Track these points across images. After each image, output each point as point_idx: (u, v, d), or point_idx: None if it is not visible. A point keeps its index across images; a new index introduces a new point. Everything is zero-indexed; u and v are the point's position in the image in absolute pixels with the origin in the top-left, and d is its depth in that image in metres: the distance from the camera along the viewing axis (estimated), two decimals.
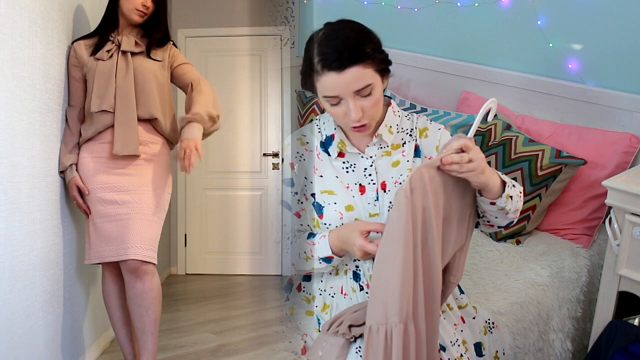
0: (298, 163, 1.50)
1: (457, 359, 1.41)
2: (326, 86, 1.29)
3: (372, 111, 1.33)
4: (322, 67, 1.28)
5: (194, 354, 2.83)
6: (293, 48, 4.45)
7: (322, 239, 1.41)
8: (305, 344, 1.56)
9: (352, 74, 1.27)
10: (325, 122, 1.49)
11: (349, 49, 1.26)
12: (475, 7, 2.90)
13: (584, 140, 2.39)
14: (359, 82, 1.28)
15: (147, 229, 2.21)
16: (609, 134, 2.36)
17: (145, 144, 2.29)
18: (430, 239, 1.23)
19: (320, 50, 1.28)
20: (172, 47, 2.43)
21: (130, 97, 2.24)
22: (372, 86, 1.30)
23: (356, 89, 1.28)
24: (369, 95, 1.31)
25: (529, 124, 2.61)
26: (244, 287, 4.26)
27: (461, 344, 1.47)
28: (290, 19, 4.43)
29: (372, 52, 1.29)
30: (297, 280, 1.59)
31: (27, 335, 2.04)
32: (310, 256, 1.43)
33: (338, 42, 1.27)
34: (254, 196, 4.55)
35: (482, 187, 1.30)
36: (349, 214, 1.41)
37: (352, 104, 1.30)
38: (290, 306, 1.62)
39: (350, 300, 1.45)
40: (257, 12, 4.44)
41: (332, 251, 1.40)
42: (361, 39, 1.29)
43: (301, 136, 1.52)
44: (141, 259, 2.17)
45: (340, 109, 1.33)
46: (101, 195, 2.23)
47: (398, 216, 1.20)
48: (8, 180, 1.91)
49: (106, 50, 2.28)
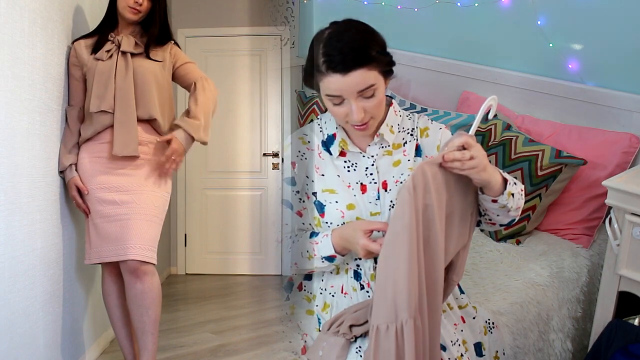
0: (299, 162, 1.50)
1: (457, 358, 1.41)
2: (329, 87, 1.30)
3: (374, 112, 1.34)
4: (326, 68, 1.28)
5: (194, 354, 2.83)
6: (293, 48, 4.45)
7: (324, 238, 1.41)
8: (305, 343, 1.56)
9: (356, 77, 1.27)
10: (327, 122, 1.49)
11: (354, 51, 1.27)
12: (475, 7, 2.90)
13: (584, 140, 2.39)
14: (363, 84, 1.28)
15: (147, 229, 2.21)
16: (609, 134, 2.36)
17: (144, 144, 2.29)
18: (433, 236, 1.23)
19: (325, 51, 1.29)
20: (174, 47, 2.42)
21: (129, 98, 2.24)
22: (375, 87, 1.30)
23: (359, 90, 1.29)
24: (372, 96, 1.31)
25: (529, 124, 2.61)
26: (244, 287, 4.26)
27: (461, 343, 1.47)
28: (290, 19, 4.43)
29: (377, 54, 1.29)
30: (298, 279, 1.59)
31: (27, 335, 2.04)
32: (312, 255, 1.43)
33: (343, 44, 1.27)
34: (254, 196, 4.54)
35: (483, 185, 1.30)
36: (350, 213, 1.41)
37: (354, 105, 1.30)
38: (291, 305, 1.62)
39: (350, 300, 1.45)
40: (257, 12, 4.44)
41: (334, 250, 1.40)
42: (367, 42, 1.29)
43: (302, 135, 1.53)
44: (140, 260, 2.17)
45: (342, 109, 1.33)
46: (101, 195, 2.23)
47: (401, 213, 1.20)
48: (8, 180, 1.91)
49: (106, 50, 2.27)
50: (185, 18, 4.41)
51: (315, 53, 1.31)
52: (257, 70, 4.50)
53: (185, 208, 4.58)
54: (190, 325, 3.27)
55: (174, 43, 2.44)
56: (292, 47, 4.45)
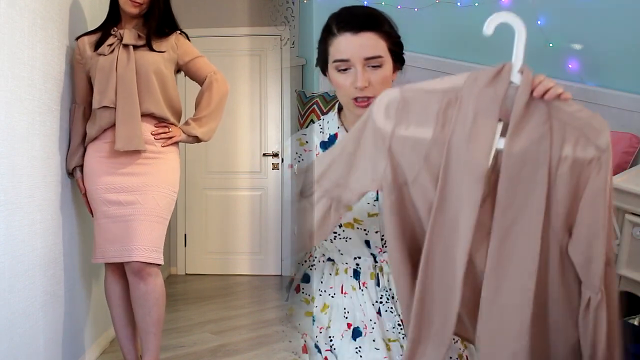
0: (297, 164, 1.50)
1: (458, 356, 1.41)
2: (339, 48, 1.32)
3: (378, 87, 1.33)
4: (338, 30, 1.32)
5: (194, 354, 2.83)
6: (293, 48, 4.45)
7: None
8: (305, 343, 1.56)
9: (365, 38, 1.30)
10: (329, 122, 1.49)
11: (367, 16, 1.33)
12: (475, 7, 2.89)
13: None
14: (371, 49, 1.31)
15: (151, 230, 2.21)
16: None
17: (151, 143, 2.25)
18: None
19: (338, 17, 1.34)
20: (180, 38, 2.35)
21: (132, 91, 2.18)
22: (383, 60, 1.33)
23: (367, 56, 1.31)
24: (378, 68, 1.32)
25: None
26: (244, 287, 4.26)
27: (459, 341, 1.47)
28: (290, 19, 4.43)
29: (388, 28, 1.34)
30: (296, 281, 1.58)
31: (27, 335, 2.04)
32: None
33: (357, 10, 1.35)
34: (254, 196, 4.54)
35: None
36: (348, 214, 1.41)
37: (360, 70, 1.31)
38: (290, 307, 1.62)
39: (350, 299, 1.45)
40: (257, 12, 4.44)
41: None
42: (379, 14, 1.36)
43: (301, 136, 1.52)
44: (144, 261, 2.17)
45: (347, 77, 1.33)
46: (106, 196, 2.22)
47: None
48: (8, 180, 1.91)
49: (108, 44, 2.22)
50: (185, 18, 4.37)
51: (329, 24, 1.35)
52: (257, 70, 4.50)
53: (185, 208, 4.58)
54: (190, 325, 3.27)
55: (181, 33, 2.37)
56: (292, 47, 4.45)
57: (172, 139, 2.29)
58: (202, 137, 2.37)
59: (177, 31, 2.36)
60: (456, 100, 1.03)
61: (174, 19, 2.37)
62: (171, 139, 2.29)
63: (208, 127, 2.38)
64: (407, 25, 3.38)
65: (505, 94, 1.02)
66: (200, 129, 2.36)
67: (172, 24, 2.35)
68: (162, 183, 2.26)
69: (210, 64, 2.42)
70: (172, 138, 2.29)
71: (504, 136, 1.02)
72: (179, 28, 2.37)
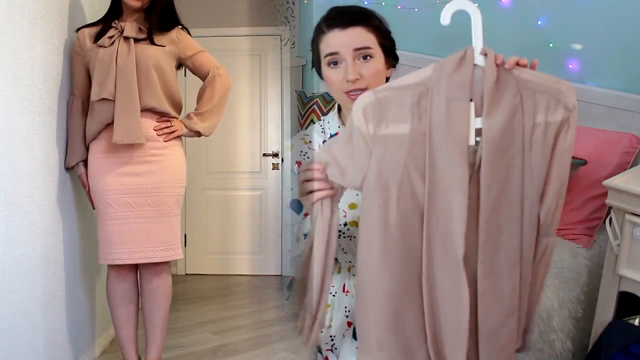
0: (303, 161, 1.50)
1: None
2: (328, 43, 1.34)
3: (370, 79, 1.33)
4: (327, 27, 1.35)
5: (194, 354, 2.83)
6: (293, 48, 4.45)
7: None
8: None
9: (353, 32, 1.33)
10: (330, 121, 1.50)
11: (355, 12, 1.36)
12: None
13: (584, 141, 2.39)
14: (359, 40, 1.33)
15: (162, 228, 2.24)
16: (609, 134, 2.36)
17: (154, 139, 2.24)
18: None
19: (327, 15, 1.38)
20: (181, 33, 2.34)
21: (131, 83, 2.16)
22: (373, 52, 1.34)
23: (355, 47, 1.32)
24: (369, 59, 1.33)
25: None
26: (244, 287, 4.26)
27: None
28: (290, 19, 4.43)
29: (377, 23, 1.37)
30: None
31: (27, 335, 2.04)
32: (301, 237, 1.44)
33: (345, 8, 1.38)
34: (253, 196, 4.54)
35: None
36: (352, 212, 1.41)
37: (350, 62, 1.32)
38: (291, 306, 1.62)
39: (352, 298, 1.45)
40: (257, 12, 4.44)
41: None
42: (368, 11, 1.39)
43: (304, 135, 1.53)
44: (161, 261, 2.24)
45: (338, 72, 1.34)
46: (113, 198, 2.21)
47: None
48: (8, 180, 1.91)
49: (108, 36, 2.21)
50: (185, 18, 4.38)
51: (319, 24, 1.38)
52: (257, 70, 4.50)
53: (185, 208, 4.57)
54: (190, 325, 3.27)
55: (182, 28, 2.36)
56: (292, 47, 4.45)
57: (175, 133, 2.29)
58: (204, 132, 2.38)
59: (179, 26, 2.35)
60: (427, 91, 1.07)
61: (175, 14, 2.37)
62: (173, 133, 2.29)
63: (210, 122, 2.38)
64: (407, 26, 3.41)
65: (472, 76, 1.07)
66: (202, 123, 2.36)
67: (173, 19, 2.35)
68: (169, 180, 2.27)
69: (212, 59, 2.41)
70: (175, 132, 2.29)
71: (479, 117, 1.06)
72: (180, 23, 2.37)
